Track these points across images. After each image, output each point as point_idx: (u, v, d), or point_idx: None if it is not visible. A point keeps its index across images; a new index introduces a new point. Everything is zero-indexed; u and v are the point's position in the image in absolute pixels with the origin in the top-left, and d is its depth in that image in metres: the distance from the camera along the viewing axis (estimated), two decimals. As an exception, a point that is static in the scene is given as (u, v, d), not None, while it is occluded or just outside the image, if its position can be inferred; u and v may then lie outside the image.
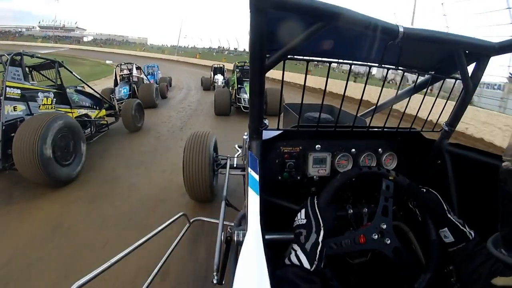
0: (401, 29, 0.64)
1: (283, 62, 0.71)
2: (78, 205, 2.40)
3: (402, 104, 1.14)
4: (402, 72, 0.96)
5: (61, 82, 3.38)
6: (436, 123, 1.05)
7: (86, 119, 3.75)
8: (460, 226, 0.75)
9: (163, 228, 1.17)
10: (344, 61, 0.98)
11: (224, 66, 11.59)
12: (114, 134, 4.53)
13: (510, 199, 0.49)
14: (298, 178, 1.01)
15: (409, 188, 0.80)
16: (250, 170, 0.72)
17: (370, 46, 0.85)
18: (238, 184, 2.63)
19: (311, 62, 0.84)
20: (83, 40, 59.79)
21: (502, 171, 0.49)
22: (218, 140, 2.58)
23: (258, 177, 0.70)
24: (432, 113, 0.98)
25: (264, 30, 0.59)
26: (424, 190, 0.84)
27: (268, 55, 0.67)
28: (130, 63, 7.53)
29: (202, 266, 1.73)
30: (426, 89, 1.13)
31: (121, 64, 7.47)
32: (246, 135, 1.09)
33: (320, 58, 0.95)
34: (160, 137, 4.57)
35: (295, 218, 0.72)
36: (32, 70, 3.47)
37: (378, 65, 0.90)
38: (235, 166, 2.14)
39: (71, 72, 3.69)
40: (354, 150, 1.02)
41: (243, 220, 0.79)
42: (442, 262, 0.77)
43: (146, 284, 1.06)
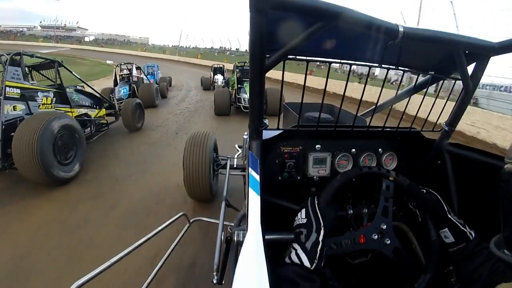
0: (401, 29, 0.64)
1: (283, 62, 0.71)
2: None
3: (402, 104, 1.13)
4: (402, 72, 0.96)
5: (60, 82, 3.38)
6: (436, 123, 1.05)
7: (86, 119, 3.75)
8: (460, 226, 0.75)
9: (163, 228, 1.16)
10: (344, 61, 0.97)
11: (224, 66, 11.59)
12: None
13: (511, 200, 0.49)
14: (298, 178, 1.01)
15: (409, 188, 0.80)
16: (250, 170, 0.72)
17: (370, 46, 0.85)
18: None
19: (313, 63, 0.84)
20: (85, 40, 59.79)
21: (505, 173, 0.49)
22: (218, 140, 2.57)
23: (258, 177, 0.70)
24: (432, 113, 0.98)
25: (264, 30, 0.59)
26: (424, 191, 0.84)
27: (268, 55, 0.67)
28: (130, 63, 7.51)
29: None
30: (426, 89, 1.13)
31: (121, 64, 7.45)
32: (246, 135, 1.09)
33: (320, 58, 0.95)
34: (152, 146, 4.05)
35: (295, 218, 0.72)
36: (31, 69, 3.47)
37: (378, 65, 0.90)
38: (235, 166, 2.13)
39: (71, 71, 3.69)
40: (354, 150, 1.02)
41: (243, 220, 0.79)
42: (442, 262, 0.77)
43: (146, 284, 1.06)
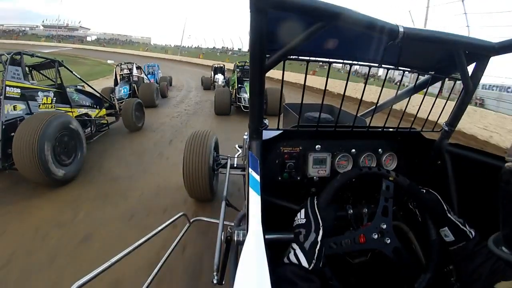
0: (401, 29, 0.64)
1: (283, 62, 0.71)
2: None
3: (402, 104, 1.13)
4: (402, 72, 0.96)
5: (61, 82, 3.38)
6: (436, 123, 1.05)
7: (86, 119, 3.74)
8: (460, 225, 0.75)
9: (163, 228, 1.16)
10: (344, 61, 0.97)
11: (224, 65, 11.60)
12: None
13: (511, 199, 0.49)
14: (298, 178, 1.01)
15: (409, 188, 0.80)
16: (250, 170, 0.72)
17: (370, 46, 0.84)
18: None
19: (316, 63, 0.84)
20: (87, 39, 59.73)
21: (505, 172, 0.49)
22: (218, 140, 2.57)
23: (258, 177, 0.70)
24: (432, 113, 0.98)
25: (264, 30, 0.59)
26: (424, 190, 0.84)
27: (268, 55, 0.67)
28: (131, 63, 7.50)
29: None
30: (426, 89, 1.13)
31: (121, 63, 7.44)
32: (246, 135, 1.09)
33: (320, 58, 0.95)
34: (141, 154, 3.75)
35: (295, 218, 0.72)
36: (32, 69, 3.47)
37: (378, 65, 0.90)
38: (235, 166, 2.13)
39: (71, 71, 3.69)
40: (354, 150, 1.02)
41: (243, 220, 0.79)
42: (442, 262, 0.77)
43: (146, 284, 1.06)
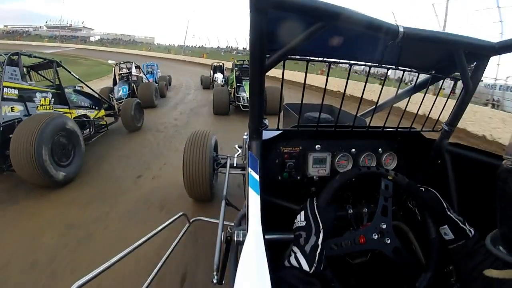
0: (401, 29, 0.64)
1: (283, 62, 0.71)
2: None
3: (403, 104, 1.14)
4: (402, 72, 0.96)
5: (59, 82, 3.35)
6: (436, 123, 1.05)
7: (85, 120, 3.73)
8: (460, 223, 0.75)
9: (163, 228, 1.16)
10: (344, 61, 0.97)
11: (223, 64, 11.56)
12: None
13: (509, 198, 0.49)
14: (298, 178, 1.01)
15: (408, 187, 0.81)
16: (250, 170, 0.72)
17: (370, 46, 0.85)
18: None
19: (323, 63, 0.85)
20: (90, 39, 59.49)
21: (502, 170, 0.49)
22: (218, 140, 2.58)
23: (258, 177, 0.70)
24: (432, 113, 0.98)
25: (264, 30, 0.59)
26: (423, 189, 0.84)
27: (268, 55, 0.67)
28: (129, 62, 7.44)
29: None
30: (426, 89, 1.13)
31: (120, 63, 7.39)
32: (246, 135, 1.09)
33: (320, 58, 0.95)
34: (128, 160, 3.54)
35: (295, 220, 0.72)
36: (30, 70, 3.45)
37: (378, 65, 0.90)
38: (235, 165, 2.14)
39: (70, 72, 3.67)
40: (354, 150, 1.02)
41: (243, 220, 0.79)
42: (442, 260, 0.77)
43: (146, 284, 1.06)
